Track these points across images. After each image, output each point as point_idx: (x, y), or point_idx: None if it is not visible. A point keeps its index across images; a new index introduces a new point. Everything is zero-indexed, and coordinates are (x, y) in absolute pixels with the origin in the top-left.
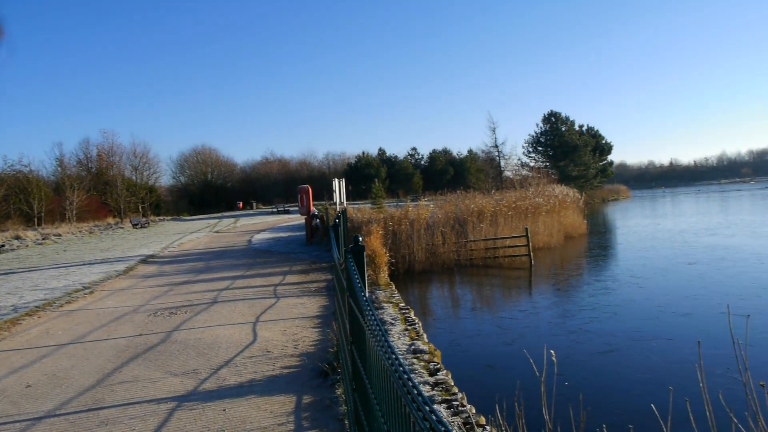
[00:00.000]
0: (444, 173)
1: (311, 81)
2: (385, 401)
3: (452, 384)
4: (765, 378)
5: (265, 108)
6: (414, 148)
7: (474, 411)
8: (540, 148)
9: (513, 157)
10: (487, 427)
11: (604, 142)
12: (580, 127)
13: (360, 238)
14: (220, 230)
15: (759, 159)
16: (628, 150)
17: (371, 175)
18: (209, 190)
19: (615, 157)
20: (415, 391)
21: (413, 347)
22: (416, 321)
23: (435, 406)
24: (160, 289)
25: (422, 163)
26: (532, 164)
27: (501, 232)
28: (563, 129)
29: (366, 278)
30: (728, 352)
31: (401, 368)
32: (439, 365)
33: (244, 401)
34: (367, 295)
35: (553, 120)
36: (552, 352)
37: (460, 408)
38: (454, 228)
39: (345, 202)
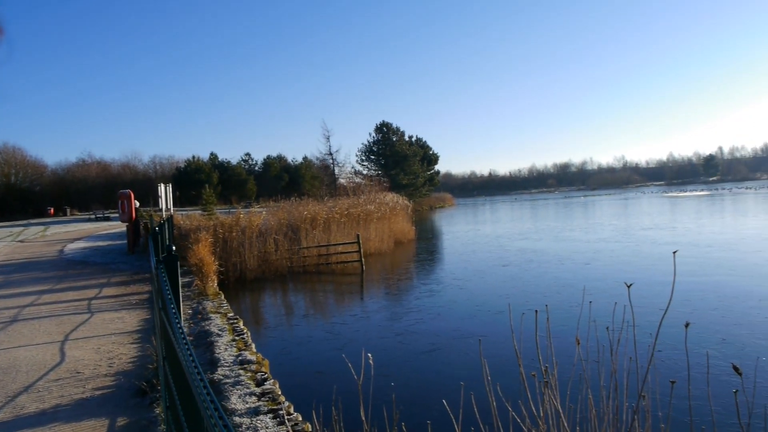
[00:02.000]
0: (279, 180)
1: (134, 78)
2: (191, 417)
3: (279, 393)
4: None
5: (82, 104)
6: (248, 154)
7: (301, 418)
8: (372, 157)
9: (347, 165)
10: None
11: (431, 152)
12: (410, 137)
13: (173, 248)
14: (25, 239)
15: (561, 171)
16: (453, 161)
17: (202, 181)
18: (13, 194)
19: (441, 167)
20: (213, 406)
21: (240, 358)
22: (245, 331)
23: (261, 417)
24: None
25: (256, 168)
26: (365, 172)
27: (334, 238)
28: (394, 139)
29: (180, 289)
30: (536, 345)
31: (202, 382)
32: (266, 375)
33: (47, 430)
34: (181, 307)
35: (384, 130)
36: (369, 355)
37: (286, 417)
38: (287, 235)
39: (172, 209)
